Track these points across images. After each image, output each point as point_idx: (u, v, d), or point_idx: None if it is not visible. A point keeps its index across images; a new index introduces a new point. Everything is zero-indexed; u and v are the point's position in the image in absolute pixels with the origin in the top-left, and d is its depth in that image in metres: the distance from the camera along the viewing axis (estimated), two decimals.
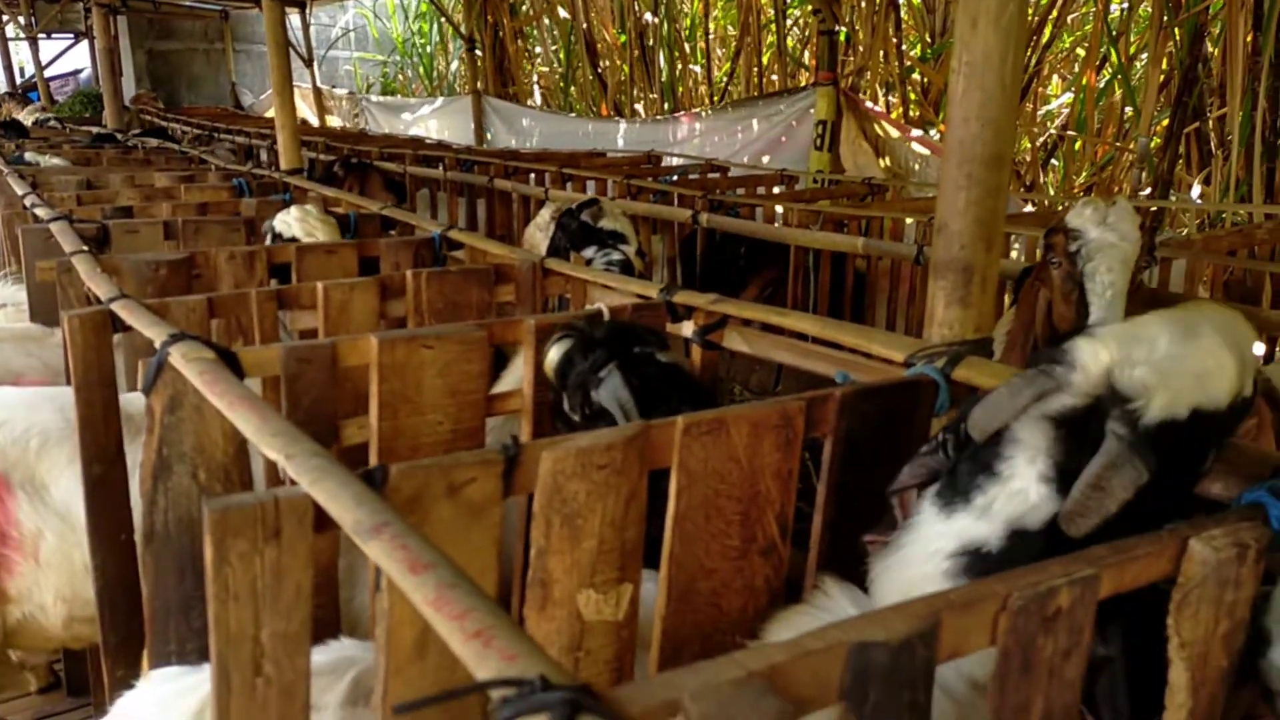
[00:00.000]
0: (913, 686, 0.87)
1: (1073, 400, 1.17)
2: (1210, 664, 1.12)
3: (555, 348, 1.86)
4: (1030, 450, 1.21)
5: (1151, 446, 1.10)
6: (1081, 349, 1.16)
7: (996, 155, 1.70)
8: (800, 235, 4.22)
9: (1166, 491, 1.16)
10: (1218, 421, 1.14)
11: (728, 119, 8.56)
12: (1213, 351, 1.12)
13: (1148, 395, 1.11)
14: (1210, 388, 1.12)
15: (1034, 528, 1.20)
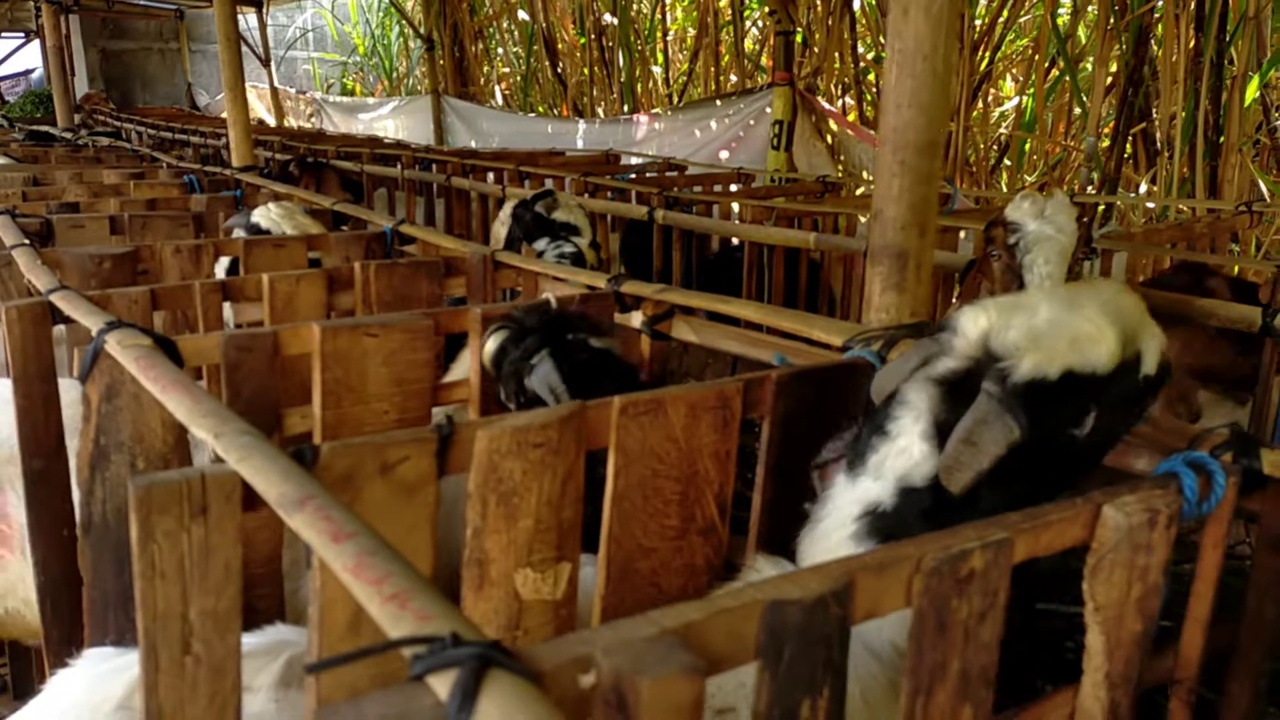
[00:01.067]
0: (827, 644, 0.90)
1: (954, 363, 1.24)
2: (1125, 627, 1.15)
3: (492, 338, 1.88)
4: (915, 410, 1.27)
5: (1021, 404, 1.15)
6: (964, 316, 1.24)
7: (929, 142, 1.73)
8: (753, 231, 4.26)
9: (1061, 455, 1.20)
10: (1097, 386, 1.18)
11: (686, 119, 8.60)
12: (1091, 319, 1.17)
13: (1018, 355, 1.16)
14: (1086, 352, 1.16)
15: (919, 484, 1.25)
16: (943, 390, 1.25)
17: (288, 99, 15.76)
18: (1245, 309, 2.59)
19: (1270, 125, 6.22)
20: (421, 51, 13.07)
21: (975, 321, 1.23)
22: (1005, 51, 8.60)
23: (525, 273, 2.81)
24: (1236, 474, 1.27)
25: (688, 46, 10.94)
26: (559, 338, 1.82)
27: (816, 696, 0.90)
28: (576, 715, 0.77)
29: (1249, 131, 6.41)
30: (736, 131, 7.99)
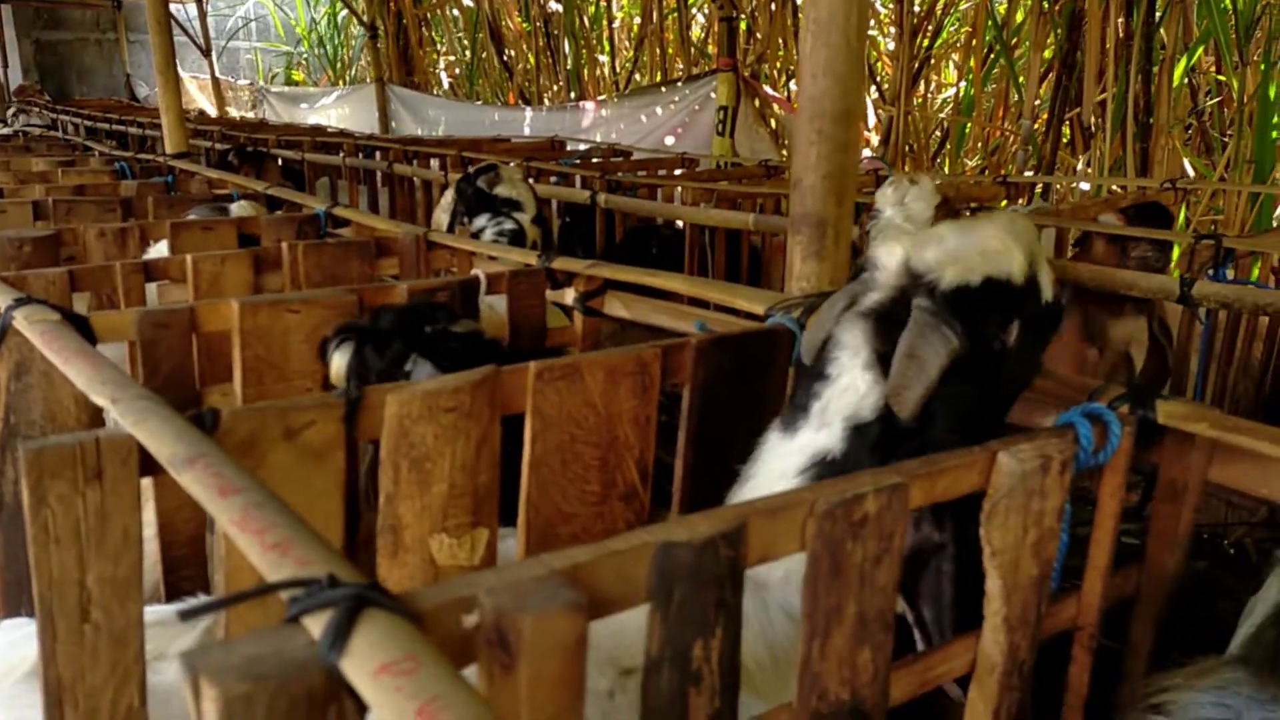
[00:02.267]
0: (719, 584, 0.91)
1: (880, 295, 1.29)
2: (1021, 571, 1.18)
3: (339, 353, 1.74)
4: (852, 347, 1.29)
5: (952, 312, 1.21)
6: (879, 251, 1.31)
7: (845, 111, 1.76)
8: (694, 213, 4.27)
9: (995, 371, 1.26)
10: (1015, 295, 1.24)
11: (632, 106, 8.60)
12: (995, 236, 1.25)
13: (941, 268, 1.22)
14: (999, 262, 1.23)
15: (869, 417, 1.27)
16: (875, 322, 1.28)
17: (230, 89, 15.47)
18: (1164, 279, 2.66)
19: (1197, 108, 6.38)
20: (365, 40, 12.90)
21: (891, 253, 1.30)
22: (945, 37, 8.71)
23: (459, 252, 2.80)
24: (1132, 424, 1.31)
25: (634, 34, 10.93)
26: (419, 335, 1.73)
27: (709, 637, 0.91)
28: (461, 656, 0.77)
29: (1180, 114, 6.57)
30: (682, 118, 8.01)
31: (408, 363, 1.70)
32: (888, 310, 1.27)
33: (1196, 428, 1.29)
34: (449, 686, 0.62)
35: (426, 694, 0.61)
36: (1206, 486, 1.39)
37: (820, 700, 1.04)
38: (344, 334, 1.76)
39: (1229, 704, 1.14)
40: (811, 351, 1.34)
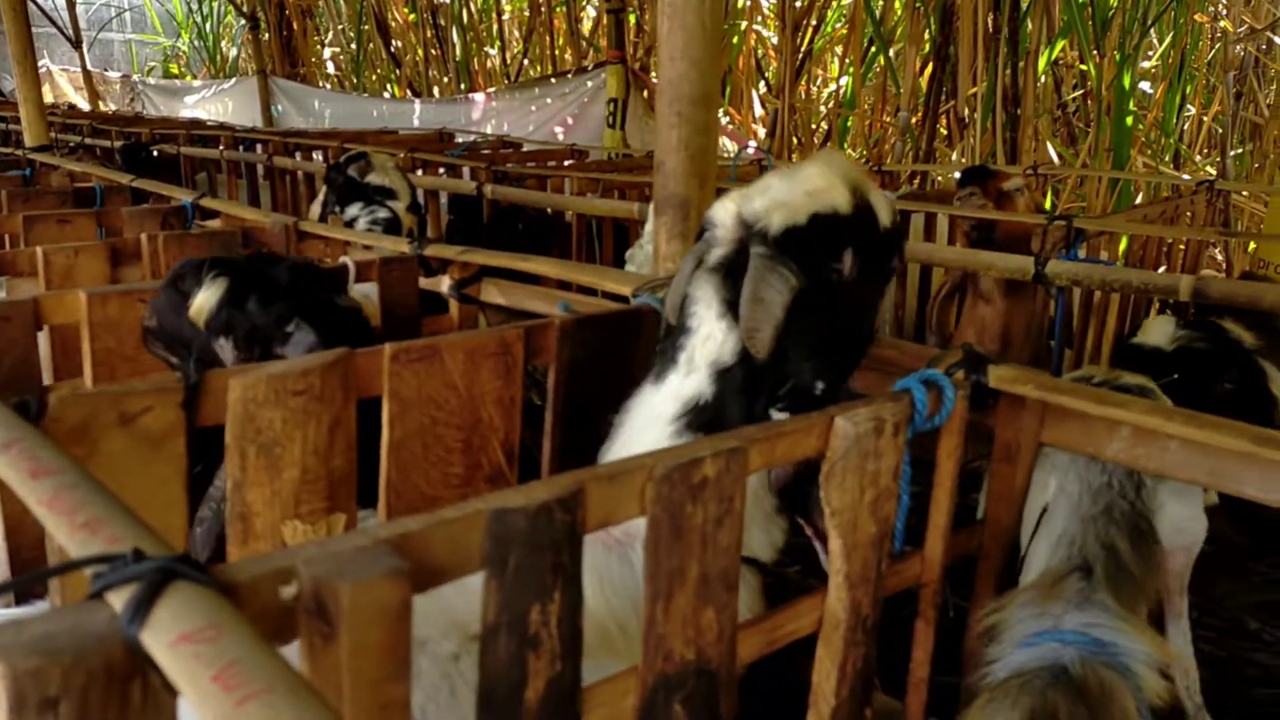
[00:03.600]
0: (556, 550, 0.92)
1: (722, 249, 1.37)
2: (861, 530, 1.23)
3: (207, 290, 1.59)
4: (705, 300, 1.38)
5: (785, 253, 1.29)
6: (713, 208, 1.39)
7: (703, 94, 1.79)
8: (580, 203, 4.28)
9: (838, 304, 1.34)
10: (845, 225, 1.32)
11: (522, 98, 8.55)
12: (818, 175, 1.33)
13: (769, 215, 1.30)
14: (822, 198, 1.31)
15: (730, 360, 1.36)
16: (722, 275, 1.37)
17: (102, 82, 14.72)
18: (1020, 259, 2.79)
19: (1061, 99, 6.70)
20: (245, 31, 12.47)
21: (724, 209, 1.38)
22: (828, 32, 8.93)
23: (333, 242, 2.74)
24: (966, 388, 1.37)
25: (523, 26, 10.86)
26: (305, 298, 1.64)
27: (547, 602, 0.93)
28: (280, 629, 0.77)
29: (1047, 105, 6.89)
30: (572, 110, 8.00)
31: (290, 324, 1.60)
32: (731, 262, 1.35)
33: (1024, 390, 1.36)
34: (249, 651, 0.62)
35: (225, 659, 0.61)
36: (1040, 448, 1.47)
37: (666, 661, 1.06)
38: (219, 268, 1.60)
39: (1051, 611, 1.26)
40: (674, 311, 1.43)
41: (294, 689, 0.59)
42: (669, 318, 1.45)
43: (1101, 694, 1.23)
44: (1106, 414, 1.30)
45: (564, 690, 0.96)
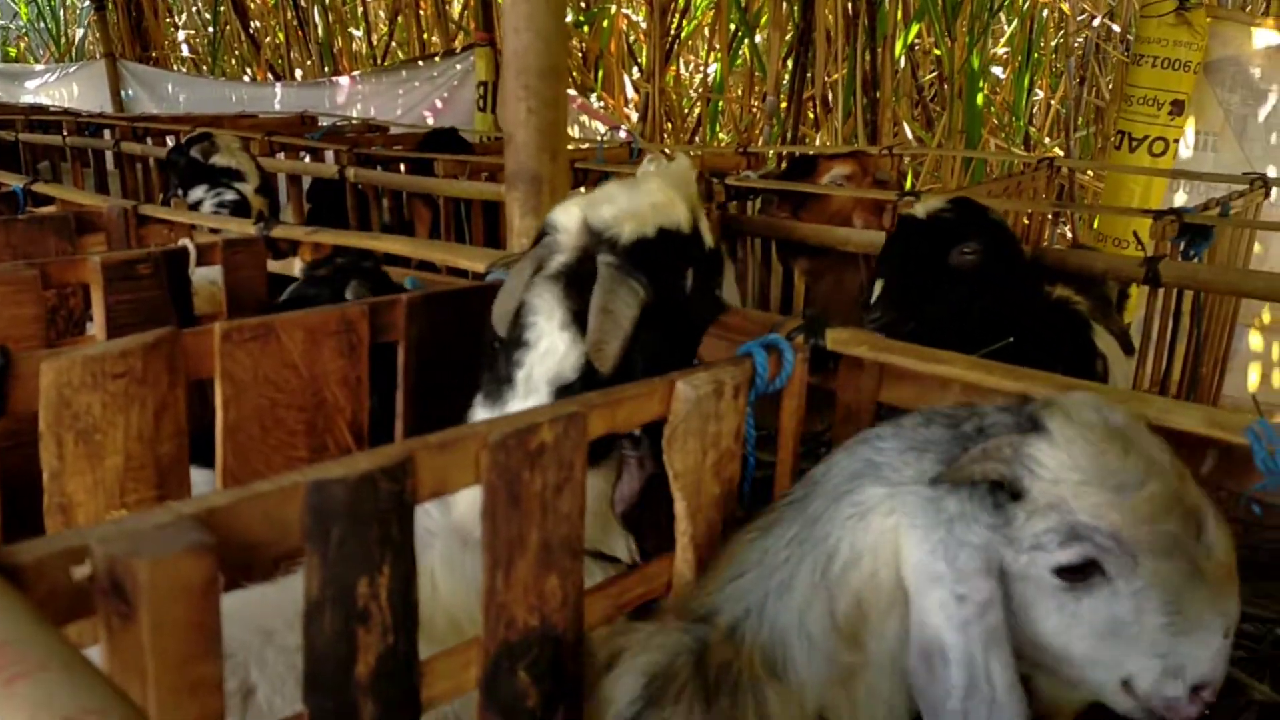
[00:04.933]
0: (382, 521, 0.90)
1: (565, 256, 1.31)
2: (704, 492, 1.25)
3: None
4: (545, 310, 1.32)
5: (636, 264, 1.26)
6: (554, 213, 1.31)
7: (550, 67, 1.78)
8: (448, 185, 4.20)
9: (681, 317, 1.33)
10: (686, 243, 1.32)
11: (390, 81, 8.32)
12: (660, 190, 1.32)
13: (619, 224, 1.28)
14: (668, 213, 1.31)
15: (572, 376, 1.30)
16: (565, 283, 1.31)
17: None
18: (872, 235, 2.89)
19: (918, 82, 6.96)
20: (91, 12, 11.74)
21: (568, 214, 1.33)
22: (698, 17, 9.01)
23: (177, 226, 2.61)
24: (805, 351, 1.41)
25: (389, 7, 10.58)
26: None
27: (375, 574, 0.91)
28: (73, 611, 0.73)
29: (906, 89, 7.14)
30: (442, 93, 7.84)
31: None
32: (575, 270, 1.30)
33: (857, 350, 1.41)
34: (22, 631, 0.58)
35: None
36: (879, 409, 1.52)
37: (509, 629, 1.05)
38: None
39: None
40: (504, 320, 1.35)
41: (69, 666, 0.56)
42: (498, 328, 1.37)
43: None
44: (935, 371, 1.35)
45: (398, 664, 0.95)
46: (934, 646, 1.04)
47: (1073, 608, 1.04)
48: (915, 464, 1.09)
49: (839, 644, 1.09)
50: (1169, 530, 1.03)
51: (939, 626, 1.03)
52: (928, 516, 1.06)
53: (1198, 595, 1.04)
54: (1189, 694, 1.06)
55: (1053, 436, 1.05)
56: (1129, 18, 6.86)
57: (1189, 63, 4.44)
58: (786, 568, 1.11)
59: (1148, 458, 1.05)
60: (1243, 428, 1.11)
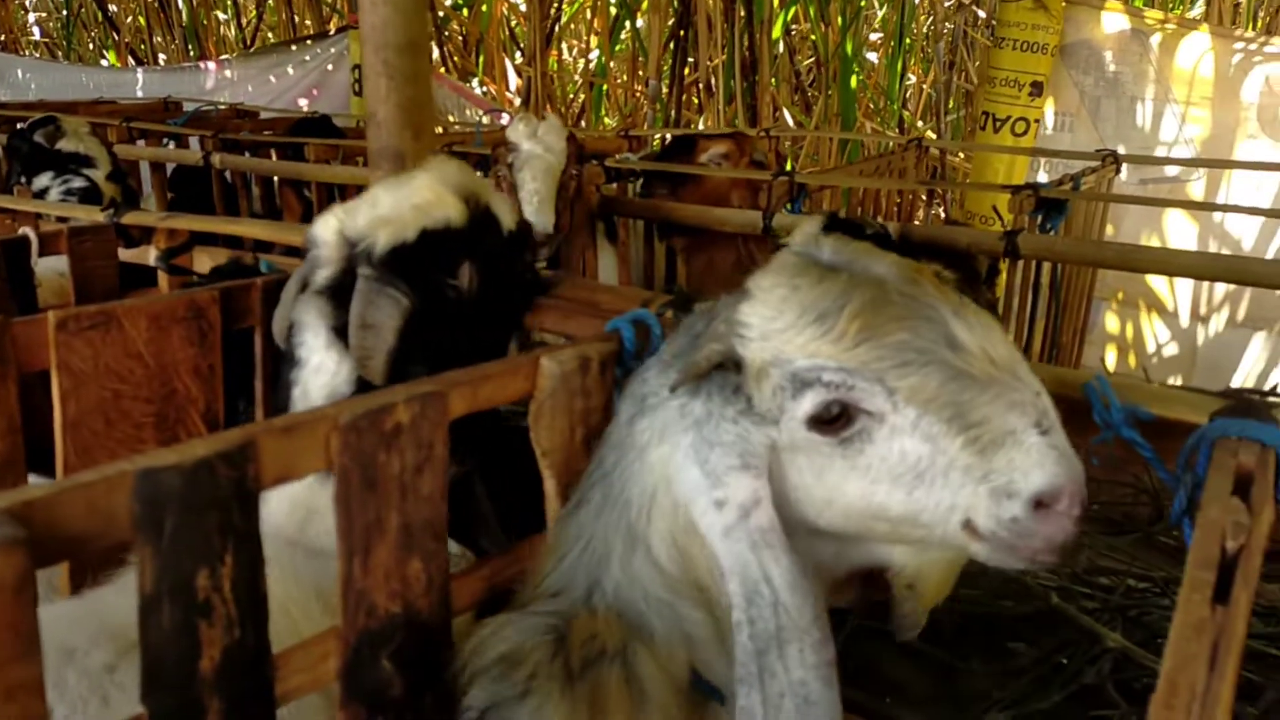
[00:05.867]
0: (221, 509, 0.86)
1: (328, 270, 1.28)
2: (573, 470, 1.24)
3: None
4: (313, 327, 1.29)
5: (394, 272, 1.22)
6: (316, 226, 1.29)
7: (410, 42, 1.73)
8: (319, 170, 4.07)
9: (462, 314, 1.28)
10: (460, 238, 1.28)
11: (260, 66, 8.01)
12: (426, 187, 1.28)
13: (375, 232, 1.23)
14: (432, 212, 1.26)
15: (347, 390, 1.27)
16: (328, 297, 1.28)
17: None
18: (750, 214, 2.92)
19: (795, 67, 7.08)
20: None
21: (327, 226, 1.29)
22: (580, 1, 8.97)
23: (21, 215, 2.45)
24: (672, 325, 1.41)
25: None
26: None
27: (216, 565, 0.86)
28: None
29: (784, 74, 7.26)
30: (315, 77, 7.59)
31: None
32: (338, 284, 1.27)
33: None
34: None
35: None
36: None
37: (369, 617, 1.02)
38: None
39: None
40: (281, 335, 1.32)
41: None
42: (278, 341, 1.34)
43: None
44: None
45: (247, 658, 0.90)
46: (713, 559, 1.00)
47: (863, 461, 0.96)
48: (667, 382, 1.06)
49: (680, 593, 1.05)
50: (903, 341, 0.94)
51: (708, 537, 0.99)
52: (678, 427, 1.03)
53: (981, 400, 0.93)
54: (1034, 509, 0.92)
55: (752, 294, 1.00)
56: (994, 3, 7.14)
57: (1046, 45, 4.65)
58: (601, 536, 1.08)
59: (847, 278, 0.98)
60: (1083, 384, 1.16)
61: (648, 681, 1.02)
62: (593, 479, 1.12)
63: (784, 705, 0.96)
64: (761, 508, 0.99)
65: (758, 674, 0.96)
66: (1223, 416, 1.04)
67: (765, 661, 0.96)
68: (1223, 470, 0.95)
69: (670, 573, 1.05)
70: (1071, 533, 0.94)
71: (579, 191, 2.98)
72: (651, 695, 1.01)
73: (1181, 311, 4.69)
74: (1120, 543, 2.18)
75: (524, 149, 2.78)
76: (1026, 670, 1.78)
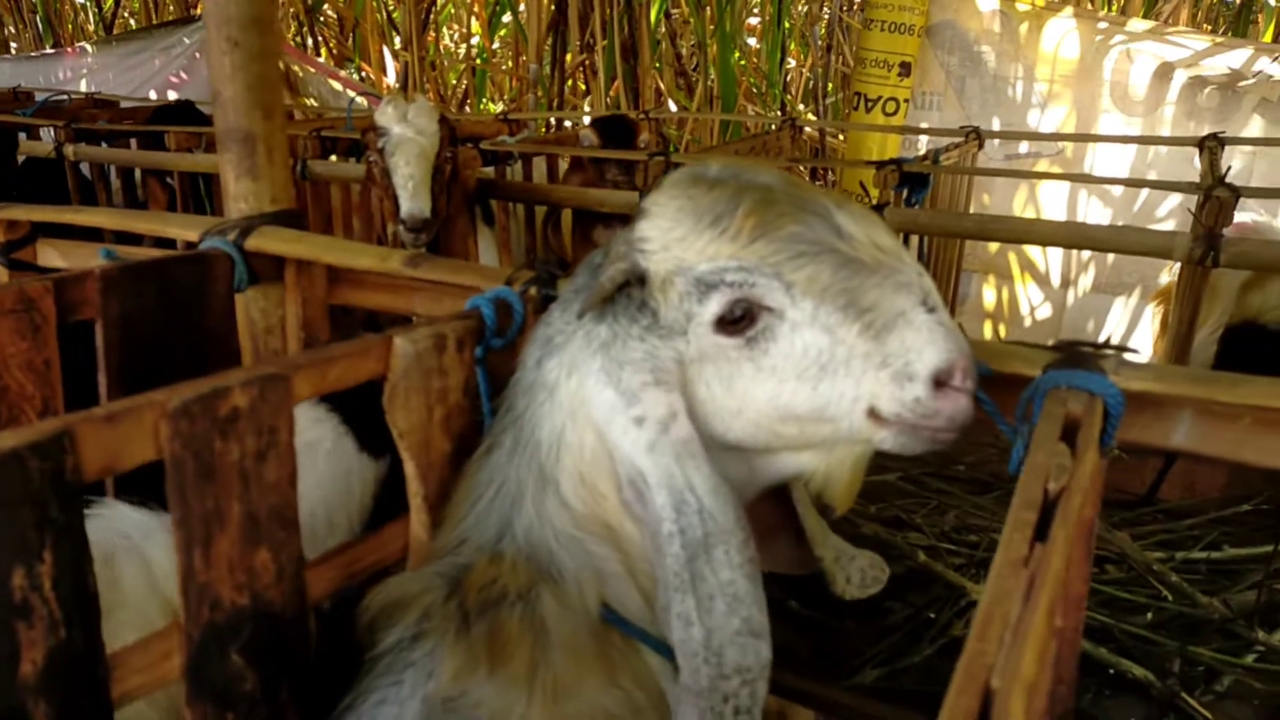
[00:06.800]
0: (37, 504, 0.81)
1: None
2: (434, 450, 1.22)
3: None
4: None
5: None
6: None
7: (255, 18, 1.65)
8: (178, 159, 3.91)
9: None
10: None
11: (121, 54, 7.60)
12: None
13: None
14: None
15: None
16: None
17: None
18: (628, 196, 2.92)
19: (676, 49, 7.12)
20: None
21: None
22: None
23: None
24: (535, 302, 1.39)
25: None
26: None
27: (34, 563, 0.81)
28: None
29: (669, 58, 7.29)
30: (181, 64, 7.26)
31: None
32: None
33: None
34: None
35: None
36: None
37: (214, 610, 0.98)
38: None
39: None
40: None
41: None
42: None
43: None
44: None
45: (76, 659, 0.86)
46: (636, 477, 1.02)
47: (768, 362, 1.00)
48: (572, 317, 1.09)
49: (588, 529, 1.07)
50: (795, 233, 0.98)
51: (631, 455, 1.02)
52: (586, 353, 1.06)
53: (869, 283, 0.98)
54: (934, 389, 0.97)
55: (649, 211, 1.05)
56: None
57: (913, 26, 4.79)
58: (513, 479, 1.09)
59: (736, 184, 1.02)
60: None
61: (551, 620, 1.03)
62: (504, 423, 1.13)
63: (715, 606, 0.99)
64: (679, 420, 1.02)
65: (690, 580, 0.99)
66: (1054, 368, 1.08)
67: (695, 567, 1.00)
68: (1052, 419, 0.99)
69: (577, 510, 1.07)
70: (969, 409, 1.00)
71: (455, 175, 2.93)
72: (555, 634, 1.03)
73: (1051, 279, 4.91)
74: (986, 500, 2.27)
75: (394, 133, 2.72)
76: (899, 627, 1.84)
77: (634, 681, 1.10)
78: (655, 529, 1.02)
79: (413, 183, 2.61)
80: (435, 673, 1.01)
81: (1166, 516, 2.30)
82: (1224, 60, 4.48)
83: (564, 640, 1.03)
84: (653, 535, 1.03)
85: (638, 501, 1.04)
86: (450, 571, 1.07)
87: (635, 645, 1.11)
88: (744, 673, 1.00)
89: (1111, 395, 1.05)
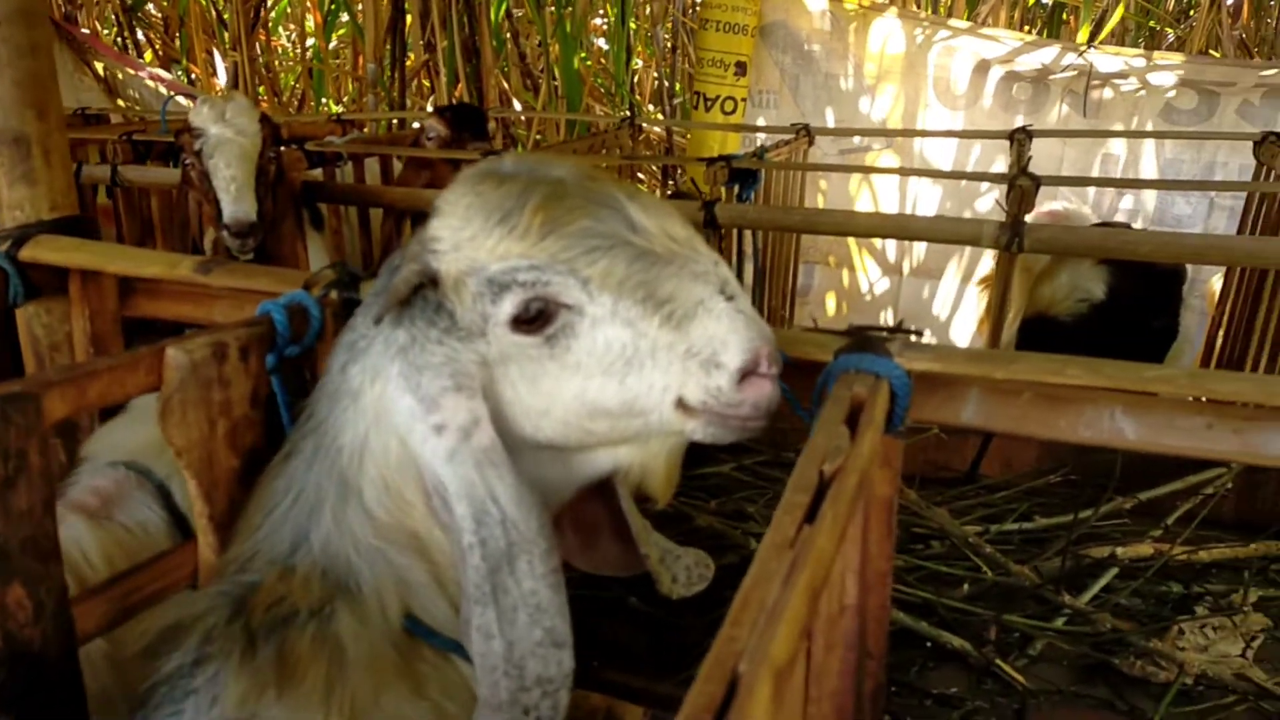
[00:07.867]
0: None
1: None
2: (219, 466, 1.15)
3: None
4: None
5: None
6: None
7: (22, 10, 1.53)
8: None
9: None
10: None
11: None
12: None
13: None
14: None
15: None
16: None
17: None
18: None
19: (520, 50, 7.07)
20: None
21: None
22: None
23: None
24: (335, 305, 1.34)
25: None
26: None
27: None
28: None
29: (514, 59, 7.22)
30: None
31: None
32: None
33: None
34: None
35: None
36: None
37: None
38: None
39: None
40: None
41: None
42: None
43: None
44: None
45: None
46: (438, 487, 0.99)
47: (572, 359, 0.99)
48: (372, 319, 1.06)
49: (392, 539, 1.03)
50: (587, 227, 0.97)
51: (431, 464, 0.99)
52: (385, 359, 1.02)
53: (665, 274, 0.97)
54: (738, 377, 0.98)
55: (440, 209, 1.02)
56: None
57: (747, 26, 4.89)
58: (312, 487, 1.04)
59: (526, 179, 1.00)
60: None
61: (346, 637, 0.99)
62: (304, 429, 1.08)
63: (518, 618, 0.97)
64: (481, 427, 0.99)
65: (491, 592, 0.96)
66: (844, 353, 1.11)
67: (498, 579, 0.97)
68: (839, 402, 1.01)
69: (381, 519, 1.03)
70: (774, 395, 1.01)
71: (280, 176, 2.80)
72: (351, 651, 0.98)
73: (886, 267, 5.11)
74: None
75: (212, 133, 2.58)
76: None
77: (443, 692, 1.07)
78: (457, 539, 0.99)
79: (235, 185, 2.48)
80: (219, 698, 0.95)
81: (986, 491, 2.41)
82: (1036, 57, 4.76)
83: (361, 656, 0.99)
84: (455, 545, 1.00)
85: (444, 510, 1.01)
86: (235, 590, 1.01)
87: (446, 655, 1.08)
88: (546, 684, 0.98)
89: (897, 376, 1.08)
